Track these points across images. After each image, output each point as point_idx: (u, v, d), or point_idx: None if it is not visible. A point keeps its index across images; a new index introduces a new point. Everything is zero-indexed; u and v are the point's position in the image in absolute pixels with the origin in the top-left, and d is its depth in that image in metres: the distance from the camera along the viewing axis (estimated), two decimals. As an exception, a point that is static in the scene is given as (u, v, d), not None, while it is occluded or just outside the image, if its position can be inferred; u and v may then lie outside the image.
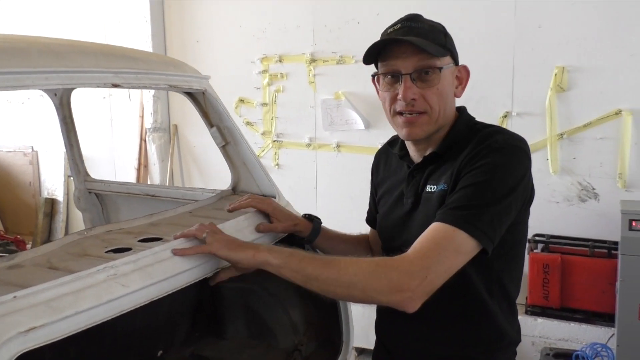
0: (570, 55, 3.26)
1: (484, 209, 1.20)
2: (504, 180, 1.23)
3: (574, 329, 3.16)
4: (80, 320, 1.02)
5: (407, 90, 1.31)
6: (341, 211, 4.02)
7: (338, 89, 3.91)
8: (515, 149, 1.28)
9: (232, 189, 1.99)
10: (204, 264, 1.29)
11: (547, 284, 3.20)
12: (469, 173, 1.25)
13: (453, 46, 1.38)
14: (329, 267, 1.19)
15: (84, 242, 1.42)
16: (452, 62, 1.37)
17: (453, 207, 1.22)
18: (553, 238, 3.30)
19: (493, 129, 1.35)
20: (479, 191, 1.22)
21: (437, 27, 1.36)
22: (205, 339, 2.02)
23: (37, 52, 1.28)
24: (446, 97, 1.35)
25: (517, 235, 1.34)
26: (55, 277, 1.10)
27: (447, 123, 1.38)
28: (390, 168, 1.57)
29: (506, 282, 1.36)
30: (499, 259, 1.29)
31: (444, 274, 1.17)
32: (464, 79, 1.41)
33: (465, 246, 1.19)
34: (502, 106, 3.46)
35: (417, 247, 1.20)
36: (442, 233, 1.19)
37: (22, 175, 5.54)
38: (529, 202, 1.33)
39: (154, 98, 4.53)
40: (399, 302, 1.16)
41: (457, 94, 1.40)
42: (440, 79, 1.31)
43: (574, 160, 3.34)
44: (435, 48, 1.30)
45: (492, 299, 1.33)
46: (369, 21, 3.72)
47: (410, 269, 1.15)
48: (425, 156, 1.41)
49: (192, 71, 1.76)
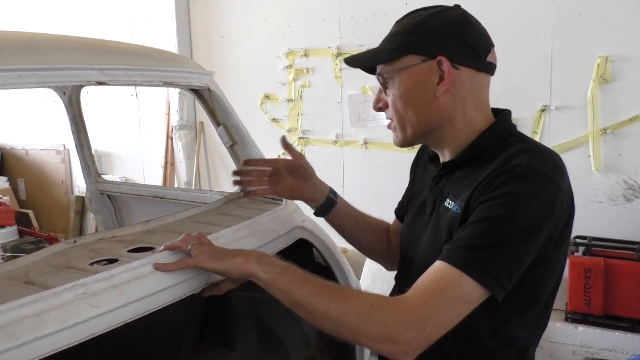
0: (614, 44, 3.03)
1: (498, 250, 1.03)
2: (524, 215, 1.03)
3: (618, 338, 2.95)
4: (40, 346, 0.92)
5: (375, 101, 1.27)
6: (369, 210, 3.85)
7: (365, 84, 3.75)
8: (541, 177, 1.07)
9: (240, 191, 1.87)
10: (190, 279, 1.17)
11: (589, 290, 3.00)
12: (484, 203, 1.06)
13: (422, 41, 1.16)
14: (319, 296, 1.05)
15: (70, 252, 1.32)
16: (420, 59, 1.15)
17: (461, 245, 1.05)
18: (595, 240, 3.09)
19: (522, 147, 1.13)
20: (493, 228, 1.04)
21: (407, 25, 1.17)
22: (214, 350, 1.93)
23: (12, 48, 1.18)
24: (409, 101, 1.18)
25: (539, 275, 1.13)
26: (25, 294, 1.00)
27: (466, 127, 1.19)
28: (427, 168, 1.40)
29: (517, 325, 1.16)
30: (510, 300, 1.09)
31: (445, 326, 1.01)
32: (446, 73, 1.15)
33: (472, 295, 1.02)
34: (539, 100, 3.25)
35: (418, 291, 1.03)
36: (447, 277, 1.02)
37: (55, 173, 5.60)
38: (560, 237, 1.12)
39: (180, 95, 4.48)
40: (391, 353, 1.01)
41: (438, 93, 1.16)
42: (395, 83, 1.19)
43: (619, 156, 3.11)
44: (385, 54, 1.20)
45: (495, 342, 1.15)
46: (397, 12, 3.49)
47: (408, 317, 0.99)
48: (444, 162, 1.25)
49: (193, 67, 1.65)
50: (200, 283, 1.19)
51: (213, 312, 1.90)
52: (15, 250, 4.14)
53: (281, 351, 1.83)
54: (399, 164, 3.57)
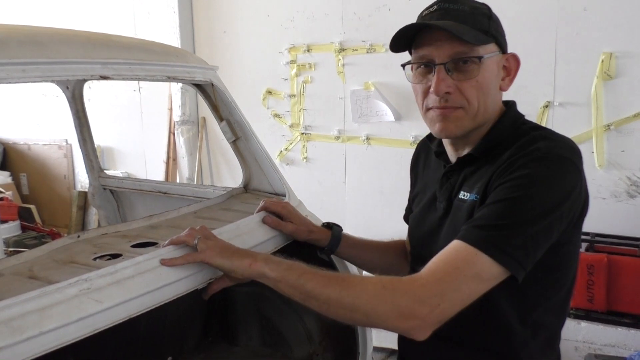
0: (619, 40, 3.01)
1: (516, 229, 1.03)
2: (543, 196, 1.04)
3: (621, 334, 2.94)
4: (45, 341, 0.91)
5: (440, 83, 1.13)
6: (371, 207, 3.89)
7: (368, 79, 3.74)
8: (561, 160, 1.08)
9: (243, 187, 1.87)
10: (195, 274, 1.16)
11: (592, 286, 2.99)
12: (502, 185, 1.07)
13: (499, 31, 1.18)
14: (330, 286, 1.05)
15: (74, 247, 1.32)
16: (498, 50, 1.17)
17: (478, 224, 1.05)
18: (599, 237, 3.08)
19: (539, 134, 1.14)
20: (511, 208, 1.04)
21: (481, 8, 1.17)
22: (217, 346, 1.92)
23: (16, 42, 1.17)
24: (488, 91, 1.16)
25: (561, 256, 1.14)
26: (29, 288, 1.00)
27: (489, 120, 1.20)
28: (430, 164, 1.40)
29: (545, 311, 1.17)
30: (535, 284, 1.11)
31: (460, 303, 1.01)
32: (513, 69, 1.21)
33: (488, 272, 1.02)
34: (543, 95, 3.23)
35: (432, 269, 1.04)
36: (462, 255, 1.02)
37: (57, 168, 5.59)
38: (579, 219, 1.13)
39: (182, 90, 4.46)
40: (406, 330, 1.02)
41: (503, 87, 1.21)
42: (480, 69, 1.13)
43: (622, 153, 3.10)
44: (475, 34, 1.12)
45: (524, 329, 1.16)
46: (401, 7, 3.54)
47: (422, 294, 1.00)
48: (459, 157, 1.24)
49: (196, 61, 1.64)
50: (204, 278, 1.19)
51: (216, 308, 1.89)
52: (18, 245, 4.15)
53: (284, 347, 1.82)
54: (401, 160, 3.56)
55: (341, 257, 1.54)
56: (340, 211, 3.95)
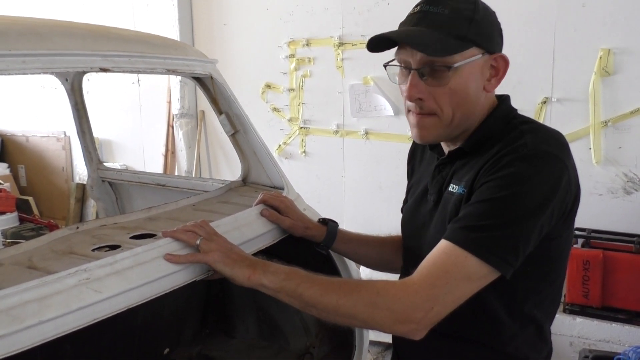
0: (617, 37, 3.01)
1: (504, 230, 1.04)
2: (529, 195, 1.04)
3: (616, 329, 2.95)
4: (45, 330, 0.93)
5: (412, 88, 1.13)
6: (370, 201, 3.90)
7: (367, 74, 3.75)
8: (546, 156, 1.07)
9: (242, 180, 1.88)
10: (192, 266, 1.18)
11: (588, 282, 3.00)
12: (488, 183, 1.07)
13: (483, 33, 1.13)
14: (327, 295, 1.08)
15: (73, 237, 1.33)
16: (481, 52, 1.13)
17: (466, 225, 1.06)
18: (595, 233, 3.08)
19: (527, 127, 1.14)
20: (498, 208, 1.05)
21: (463, 11, 1.11)
22: (215, 338, 1.94)
23: (16, 33, 1.18)
24: (464, 97, 1.13)
25: (551, 251, 1.15)
26: (29, 278, 1.01)
27: (479, 116, 1.19)
28: (425, 157, 1.41)
29: (534, 304, 1.18)
30: (525, 279, 1.12)
31: (453, 304, 1.05)
32: (501, 70, 1.18)
33: (478, 273, 1.04)
34: (541, 91, 3.24)
35: (423, 273, 1.06)
36: (452, 258, 1.04)
37: (55, 160, 5.59)
38: (570, 214, 1.13)
39: (181, 83, 4.46)
40: (403, 333, 1.06)
41: (488, 88, 1.17)
42: (451, 77, 1.11)
43: (619, 149, 3.11)
44: (443, 45, 1.08)
45: (513, 321, 1.17)
46: (400, 2, 3.53)
47: (415, 300, 1.03)
48: (450, 151, 1.24)
49: (196, 54, 1.64)
50: (202, 270, 1.20)
51: (214, 300, 1.90)
52: (16, 237, 4.14)
53: (281, 339, 1.84)
54: (399, 154, 3.56)
55: (337, 252, 1.56)
56: (339, 205, 3.96)
